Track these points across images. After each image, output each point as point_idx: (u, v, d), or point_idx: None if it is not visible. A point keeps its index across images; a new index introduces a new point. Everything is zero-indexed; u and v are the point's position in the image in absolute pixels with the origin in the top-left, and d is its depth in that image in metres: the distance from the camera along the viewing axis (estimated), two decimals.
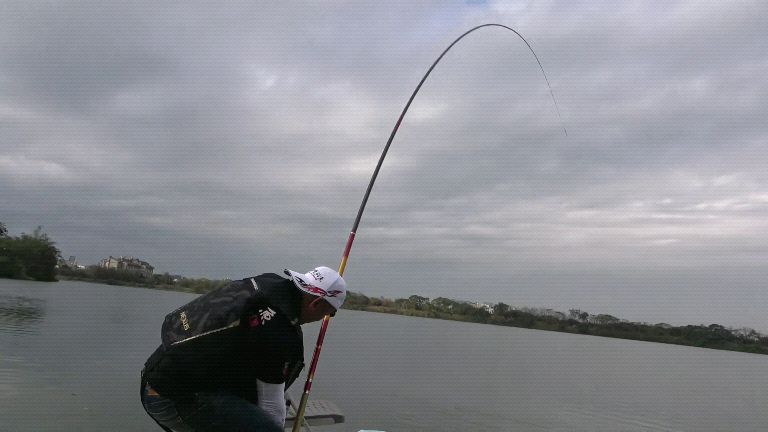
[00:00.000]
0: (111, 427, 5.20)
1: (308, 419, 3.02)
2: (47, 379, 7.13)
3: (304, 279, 2.61)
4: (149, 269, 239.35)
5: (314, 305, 2.59)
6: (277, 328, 2.36)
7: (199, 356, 2.30)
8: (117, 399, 6.50)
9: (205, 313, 2.37)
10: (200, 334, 2.30)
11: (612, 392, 13.06)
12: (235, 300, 2.38)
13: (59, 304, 26.44)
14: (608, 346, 61.64)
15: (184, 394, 2.33)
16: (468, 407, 8.60)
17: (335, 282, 2.65)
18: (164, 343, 2.39)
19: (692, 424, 9.38)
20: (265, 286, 2.48)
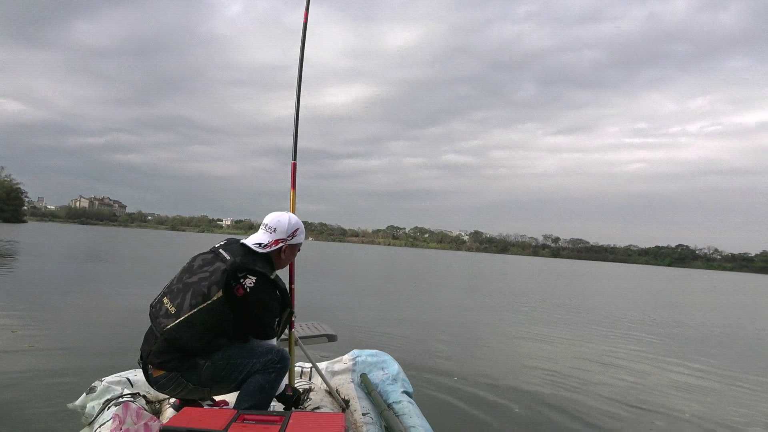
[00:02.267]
0: (45, 363, 4.95)
1: (302, 339, 3.07)
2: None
3: (260, 241, 2.66)
4: (122, 208, 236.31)
5: (283, 253, 2.69)
6: (262, 289, 2.49)
7: (194, 332, 2.40)
8: (62, 336, 6.25)
9: (186, 293, 2.46)
10: (188, 314, 2.40)
11: (578, 308, 13.38)
12: (212, 274, 2.47)
13: (25, 246, 25.81)
14: (577, 268, 63.58)
15: (187, 363, 2.43)
16: (450, 326, 8.69)
17: (288, 224, 2.69)
18: (156, 329, 2.48)
19: (647, 334, 9.64)
20: (235, 253, 2.56)
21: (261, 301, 2.49)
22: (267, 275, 2.53)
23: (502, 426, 4.10)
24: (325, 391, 3.22)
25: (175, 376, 2.46)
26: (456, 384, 5.19)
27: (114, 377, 3.17)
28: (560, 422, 4.33)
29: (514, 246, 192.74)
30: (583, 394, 5.24)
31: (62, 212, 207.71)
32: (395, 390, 3.19)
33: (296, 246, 2.77)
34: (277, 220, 2.68)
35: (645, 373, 6.51)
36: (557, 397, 5.07)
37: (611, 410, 4.77)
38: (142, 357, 2.55)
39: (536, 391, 5.22)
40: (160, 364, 2.46)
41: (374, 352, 3.52)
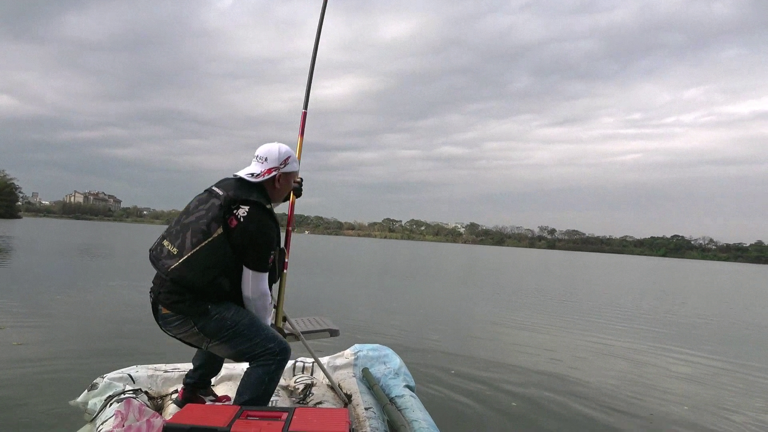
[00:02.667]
0: (42, 359, 4.93)
1: (304, 334, 3.05)
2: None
3: (253, 171, 2.65)
4: (117, 202, 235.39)
5: (278, 182, 2.68)
6: (255, 217, 2.47)
7: (198, 271, 2.42)
8: (59, 332, 6.20)
9: (185, 233, 2.48)
10: (191, 252, 2.43)
11: (576, 300, 13.44)
12: (208, 211, 2.49)
13: (19, 242, 25.70)
14: (575, 259, 63.78)
15: (198, 308, 2.47)
16: (449, 319, 8.71)
17: (279, 153, 2.67)
18: (161, 271, 2.51)
19: (640, 324, 9.69)
20: (228, 188, 2.57)
21: (255, 228, 2.47)
22: (262, 204, 2.53)
23: (503, 418, 4.11)
24: (327, 386, 3.23)
25: (181, 318, 2.50)
26: (457, 377, 5.19)
27: (115, 374, 3.17)
28: (561, 414, 4.34)
29: (510, 238, 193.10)
30: (583, 386, 5.25)
31: (57, 207, 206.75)
32: (397, 384, 3.20)
33: (290, 175, 2.74)
34: (267, 150, 2.67)
35: (644, 363, 6.54)
36: (557, 389, 5.07)
37: (609, 400, 4.79)
38: (153, 295, 2.59)
39: (537, 383, 5.23)
40: (171, 305, 2.50)
41: (376, 346, 3.53)
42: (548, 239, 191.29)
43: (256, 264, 2.50)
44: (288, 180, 2.74)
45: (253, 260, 2.50)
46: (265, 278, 2.57)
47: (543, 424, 4.03)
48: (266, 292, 2.59)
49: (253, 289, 2.53)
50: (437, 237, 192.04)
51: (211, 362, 2.97)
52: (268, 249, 2.52)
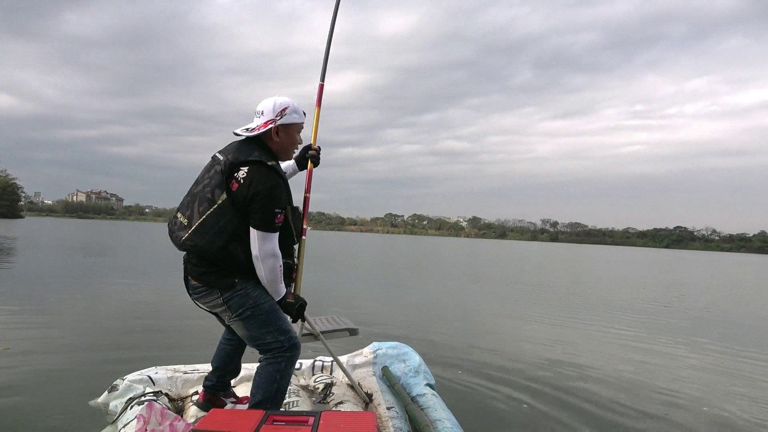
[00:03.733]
0: (58, 361, 4.93)
1: (323, 334, 3.01)
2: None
3: (249, 126, 2.61)
4: (119, 201, 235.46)
5: (276, 135, 2.59)
6: (256, 177, 2.41)
7: (208, 236, 2.41)
8: (71, 333, 6.18)
9: (193, 203, 2.49)
10: (199, 221, 2.43)
11: (583, 292, 13.41)
12: (212, 179, 2.47)
13: (23, 242, 25.73)
14: (577, 252, 63.68)
15: (224, 280, 2.48)
16: (462, 314, 8.68)
17: (275, 104, 2.59)
18: (175, 243, 2.53)
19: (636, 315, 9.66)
20: (228, 151, 2.54)
21: (256, 185, 2.39)
22: (263, 161, 2.46)
23: (526, 415, 4.08)
24: (347, 385, 3.21)
25: (211, 289, 2.51)
26: (476, 373, 5.15)
27: (135, 375, 3.15)
28: (582, 409, 4.31)
29: (513, 231, 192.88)
30: (601, 381, 5.23)
31: (59, 207, 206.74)
32: (418, 383, 3.18)
33: (291, 127, 2.62)
34: (263, 103, 2.61)
35: (659, 354, 6.52)
36: (577, 383, 5.03)
37: (628, 397, 4.77)
38: (184, 265, 2.63)
39: (557, 377, 5.20)
40: (199, 276, 2.52)
41: (395, 344, 3.50)
42: (551, 232, 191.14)
43: (261, 223, 2.42)
44: (289, 132, 2.64)
45: (258, 219, 2.41)
46: (274, 239, 2.47)
47: (567, 421, 4.01)
48: (275, 253, 2.48)
49: (259, 248, 2.43)
50: (440, 231, 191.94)
51: (231, 363, 2.95)
52: (272, 205, 2.41)
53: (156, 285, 11.21)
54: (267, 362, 2.56)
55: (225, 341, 2.95)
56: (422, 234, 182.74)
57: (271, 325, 2.54)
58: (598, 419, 4.10)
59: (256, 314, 2.52)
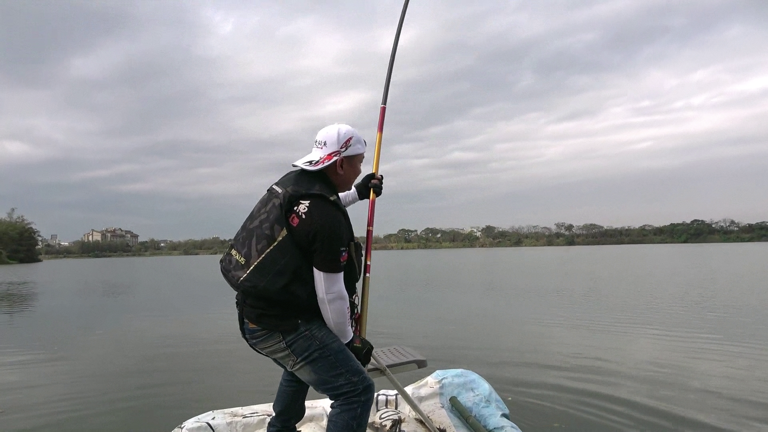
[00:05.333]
0: (98, 411, 4.79)
1: (389, 368, 2.86)
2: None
3: (311, 158, 2.43)
4: (134, 237, 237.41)
5: (340, 168, 2.44)
6: (317, 212, 2.26)
7: (267, 277, 2.25)
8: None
9: (251, 240, 2.33)
10: (258, 260, 2.27)
11: (598, 296, 13.12)
12: (270, 213, 2.33)
13: (41, 286, 25.86)
14: (596, 254, 62.91)
15: (286, 322, 2.31)
16: (509, 327, 8.46)
17: (339, 135, 2.43)
18: (231, 283, 2.37)
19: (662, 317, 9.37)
20: (286, 184, 2.39)
21: (319, 223, 2.23)
22: (325, 196, 2.30)
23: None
24: (416, 421, 3.04)
25: (271, 332, 2.33)
26: (548, 396, 4.81)
27: (193, 423, 3.01)
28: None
29: (528, 238, 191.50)
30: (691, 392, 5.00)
31: (76, 248, 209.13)
32: (492, 413, 2.99)
33: (355, 158, 2.49)
34: (326, 133, 2.44)
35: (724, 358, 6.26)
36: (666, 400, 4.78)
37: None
38: (239, 308, 2.44)
39: (646, 395, 4.88)
40: (257, 318, 2.33)
41: (459, 371, 3.33)
42: (566, 236, 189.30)
43: (325, 264, 2.26)
44: (353, 164, 2.50)
45: (322, 259, 2.25)
46: (340, 279, 2.32)
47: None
48: (342, 294, 2.33)
49: (326, 290, 2.28)
50: (454, 243, 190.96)
51: (294, 406, 2.81)
52: (336, 245, 2.26)
53: (175, 318, 11.12)
54: (341, 409, 2.37)
55: (286, 383, 2.80)
56: (436, 247, 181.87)
57: (342, 366, 2.35)
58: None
59: (324, 356, 2.33)
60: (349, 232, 2.39)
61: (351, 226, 2.44)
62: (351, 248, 2.38)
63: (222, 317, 11.33)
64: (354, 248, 2.41)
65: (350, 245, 2.38)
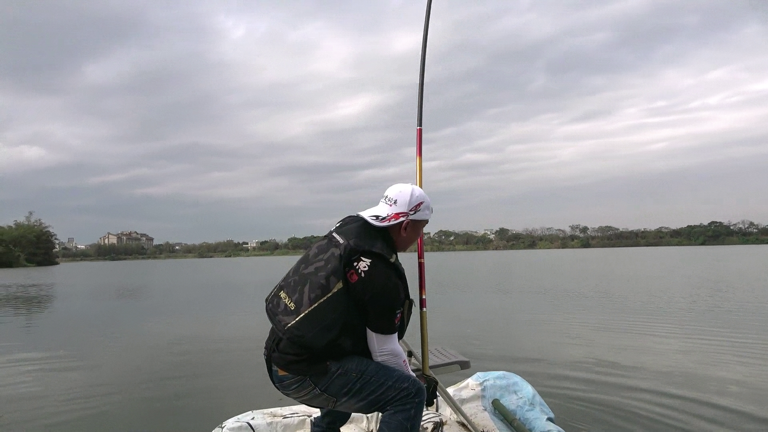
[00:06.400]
0: (111, 412, 4.80)
1: (432, 369, 2.80)
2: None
3: (378, 213, 2.38)
4: (149, 240, 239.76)
5: (404, 230, 2.39)
6: (377, 274, 2.20)
7: (316, 329, 2.17)
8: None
9: (304, 286, 2.23)
10: (309, 309, 2.17)
11: (614, 298, 12.96)
12: (327, 262, 2.23)
13: (60, 288, 26.14)
14: (613, 256, 62.32)
15: (316, 367, 2.24)
16: (538, 329, 8.39)
17: (411, 196, 2.39)
18: (277, 327, 2.27)
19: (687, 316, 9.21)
20: (349, 235, 2.30)
21: (378, 286, 2.19)
22: (385, 257, 2.25)
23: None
24: (458, 424, 2.99)
25: (302, 379, 2.25)
26: (592, 400, 4.68)
27: (233, 422, 3.00)
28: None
29: (542, 240, 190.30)
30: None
31: (92, 251, 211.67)
32: (537, 417, 2.93)
33: (420, 223, 2.46)
34: (398, 191, 2.40)
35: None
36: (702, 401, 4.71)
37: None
38: (266, 354, 2.36)
39: (675, 395, 4.80)
40: (287, 365, 2.26)
41: (501, 373, 3.27)
42: (581, 238, 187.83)
43: (381, 326, 2.25)
44: (416, 229, 2.47)
45: (377, 322, 2.24)
46: (394, 339, 2.31)
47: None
48: (396, 352, 2.33)
49: (379, 351, 2.29)
50: (467, 246, 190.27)
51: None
52: (393, 309, 2.24)
53: (194, 319, 11.16)
54: (395, 410, 2.31)
55: None
56: (450, 250, 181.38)
57: (390, 379, 2.30)
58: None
59: (367, 381, 2.28)
60: (404, 291, 2.33)
61: (407, 286, 2.36)
62: (405, 306, 2.33)
63: (245, 319, 11.35)
64: (408, 306, 2.36)
65: (405, 303, 2.33)
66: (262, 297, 2.44)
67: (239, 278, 31.20)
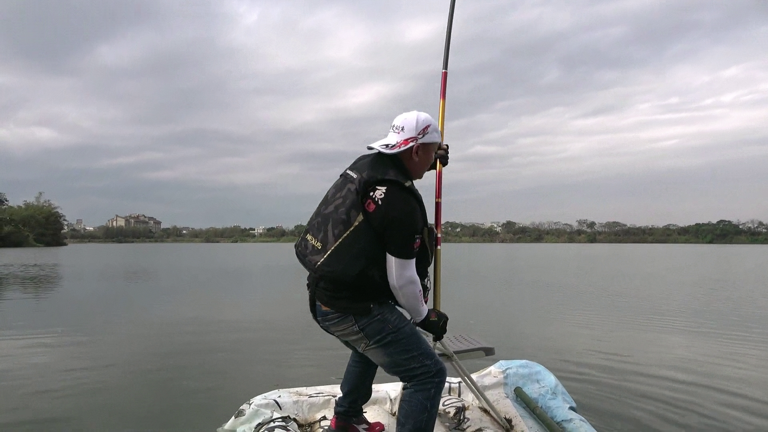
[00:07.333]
0: (166, 386, 4.92)
1: (457, 354, 2.88)
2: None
3: (387, 142, 2.45)
4: (157, 224, 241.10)
5: (416, 154, 2.46)
6: (393, 199, 2.28)
7: (346, 261, 2.29)
8: (152, 364, 5.89)
9: (327, 225, 2.37)
10: (335, 245, 2.31)
11: (618, 295, 12.96)
12: (346, 198, 2.35)
13: (71, 269, 26.36)
14: (620, 252, 62.12)
15: (359, 305, 2.35)
16: (553, 322, 8.42)
17: (417, 121, 2.45)
18: (308, 268, 2.42)
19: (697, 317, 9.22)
20: (361, 169, 2.40)
21: (394, 211, 2.27)
22: (400, 182, 2.32)
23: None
24: (480, 410, 3.05)
25: (344, 315, 2.37)
26: (617, 393, 4.70)
27: (261, 399, 3.07)
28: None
29: (549, 234, 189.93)
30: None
31: (100, 233, 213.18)
32: (559, 405, 2.98)
33: (430, 146, 2.51)
34: (404, 119, 2.47)
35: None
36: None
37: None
38: (310, 291, 2.48)
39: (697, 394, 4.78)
40: (330, 301, 2.38)
41: (524, 362, 3.32)
42: (588, 233, 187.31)
43: (399, 250, 2.30)
44: (428, 152, 2.52)
45: (396, 246, 2.30)
46: (412, 264, 2.35)
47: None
48: (414, 279, 2.37)
49: (397, 276, 2.32)
50: (474, 238, 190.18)
51: (362, 387, 2.85)
52: (411, 233, 2.31)
53: (207, 301, 11.27)
54: (415, 389, 2.41)
55: (354, 363, 2.85)
56: (456, 241, 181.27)
57: (415, 349, 2.40)
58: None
59: (397, 339, 2.38)
60: (423, 217, 2.41)
61: (425, 212, 2.46)
62: (425, 234, 2.42)
63: (263, 303, 11.45)
64: (428, 233, 2.45)
65: (424, 231, 2.41)
66: (267, 283, 2.51)
67: (238, 264, 31.34)
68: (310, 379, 4.58)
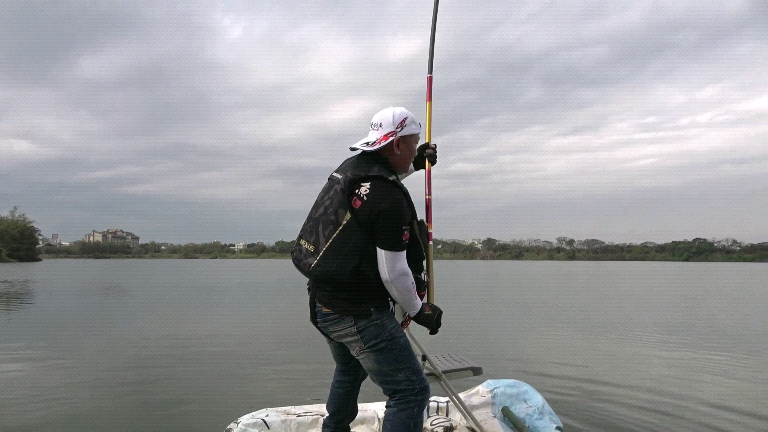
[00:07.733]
0: (156, 404, 4.82)
1: (446, 374, 2.91)
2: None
3: (368, 140, 2.51)
4: (135, 239, 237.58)
5: (397, 148, 2.52)
6: (378, 192, 2.32)
7: (338, 260, 2.32)
8: (155, 376, 5.95)
9: (317, 227, 2.41)
10: (326, 245, 2.34)
11: (599, 312, 13.12)
12: (333, 199, 2.40)
13: (42, 285, 25.82)
14: (599, 270, 62.83)
15: (359, 307, 2.38)
16: (536, 340, 8.44)
17: (393, 116, 2.50)
18: (303, 272, 2.45)
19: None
20: (346, 169, 2.46)
21: (380, 204, 2.30)
22: (383, 177, 2.37)
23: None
24: (468, 430, 3.06)
25: (344, 315, 2.40)
26: (602, 411, 4.70)
27: (248, 418, 3.05)
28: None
29: (529, 251, 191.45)
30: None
31: (76, 248, 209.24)
32: (546, 426, 3.01)
33: (410, 138, 2.55)
34: (381, 115, 2.52)
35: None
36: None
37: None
38: (310, 294, 2.52)
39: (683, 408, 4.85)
40: (331, 302, 2.42)
41: (512, 381, 3.34)
42: (567, 250, 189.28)
43: (389, 243, 2.32)
44: (409, 144, 2.57)
45: (385, 239, 2.32)
46: (402, 257, 2.37)
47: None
48: (405, 271, 2.38)
49: (389, 269, 2.33)
50: (455, 254, 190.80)
51: (347, 407, 2.86)
52: (399, 224, 2.33)
53: (181, 318, 11.12)
54: (398, 408, 2.44)
55: (338, 384, 2.86)
56: (437, 258, 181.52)
57: (404, 363, 2.44)
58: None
59: (390, 348, 2.41)
60: (410, 210, 2.46)
61: (413, 205, 2.51)
62: (414, 226, 2.46)
63: (231, 319, 11.33)
64: (417, 226, 2.50)
65: (413, 223, 2.46)
66: (248, 300, 2.53)
67: (217, 281, 31.02)
68: (298, 398, 4.54)
